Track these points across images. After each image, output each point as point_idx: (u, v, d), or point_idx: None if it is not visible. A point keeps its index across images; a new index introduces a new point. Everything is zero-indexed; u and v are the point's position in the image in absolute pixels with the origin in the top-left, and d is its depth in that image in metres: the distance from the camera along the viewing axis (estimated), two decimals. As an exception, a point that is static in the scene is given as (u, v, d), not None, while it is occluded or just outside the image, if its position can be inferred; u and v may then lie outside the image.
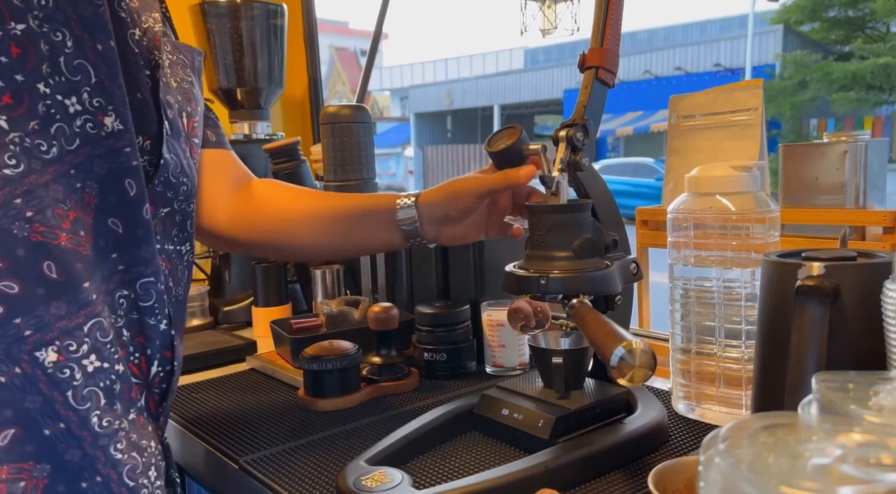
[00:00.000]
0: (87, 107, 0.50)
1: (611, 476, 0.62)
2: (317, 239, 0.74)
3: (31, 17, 0.46)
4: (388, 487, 0.57)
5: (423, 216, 0.71)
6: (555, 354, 0.70)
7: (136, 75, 0.56)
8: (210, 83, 1.33)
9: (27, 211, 0.46)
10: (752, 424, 0.35)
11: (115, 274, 0.52)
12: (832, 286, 0.54)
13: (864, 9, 12.31)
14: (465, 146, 19.19)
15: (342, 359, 0.80)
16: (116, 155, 0.51)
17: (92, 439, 0.48)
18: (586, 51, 0.71)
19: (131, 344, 0.54)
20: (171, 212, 0.59)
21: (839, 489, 0.27)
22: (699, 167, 0.75)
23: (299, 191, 0.78)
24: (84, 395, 0.48)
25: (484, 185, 0.70)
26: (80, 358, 0.48)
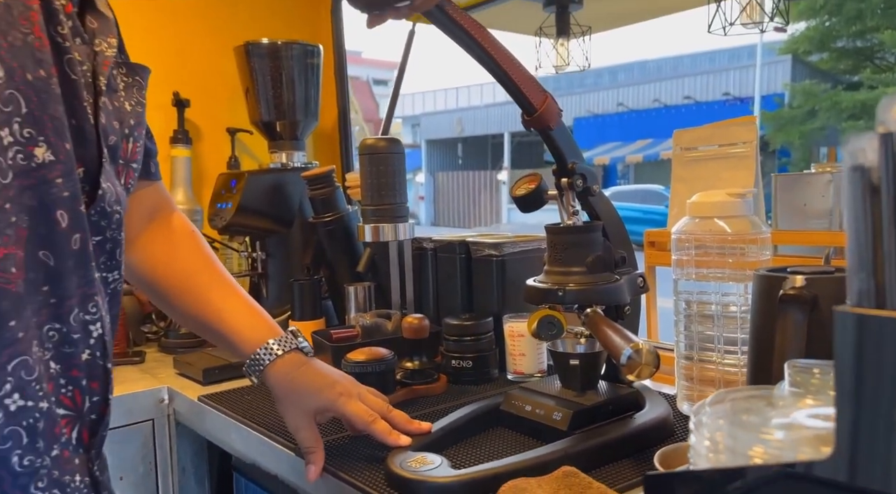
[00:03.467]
0: (18, 138, 0.48)
1: (621, 462, 0.71)
2: (172, 312, 0.78)
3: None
4: (430, 468, 0.66)
5: (264, 379, 0.73)
6: (572, 357, 0.79)
7: (72, 102, 0.54)
8: (252, 116, 1.45)
9: None
10: (733, 394, 0.44)
11: (45, 308, 0.51)
12: (811, 295, 0.63)
13: (872, 39, 12.45)
14: (475, 172, 19.41)
15: (381, 363, 0.90)
16: (48, 186, 0.50)
17: (12, 479, 0.47)
18: (526, 117, 0.79)
19: (63, 377, 0.53)
20: (102, 241, 0.57)
21: (777, 430, 0.37)
22: (699, 193, 0.85)
23: (194, 262, 0.78)
24: (5, 435, 0.47)
25: (296, 429, 0.72)
26: (2, 398, 0.47)
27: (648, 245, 1.04)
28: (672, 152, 1.06)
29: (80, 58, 0.55)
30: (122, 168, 0.60)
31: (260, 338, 0.74)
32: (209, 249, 0.80)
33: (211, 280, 0.76)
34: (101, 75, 0.58)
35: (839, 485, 0.32)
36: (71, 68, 0.54)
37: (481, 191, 18.57)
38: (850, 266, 0.33)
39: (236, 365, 1.08)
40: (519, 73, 0.76)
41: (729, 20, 1.39)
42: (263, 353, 0.73)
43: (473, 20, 0.73)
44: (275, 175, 1.40)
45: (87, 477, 0.54)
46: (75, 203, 0.52)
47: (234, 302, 0.76)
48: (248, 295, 0.78)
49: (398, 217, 1.12)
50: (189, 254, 0.77)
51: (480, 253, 1.08)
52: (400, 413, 0.75)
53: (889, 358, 0.31)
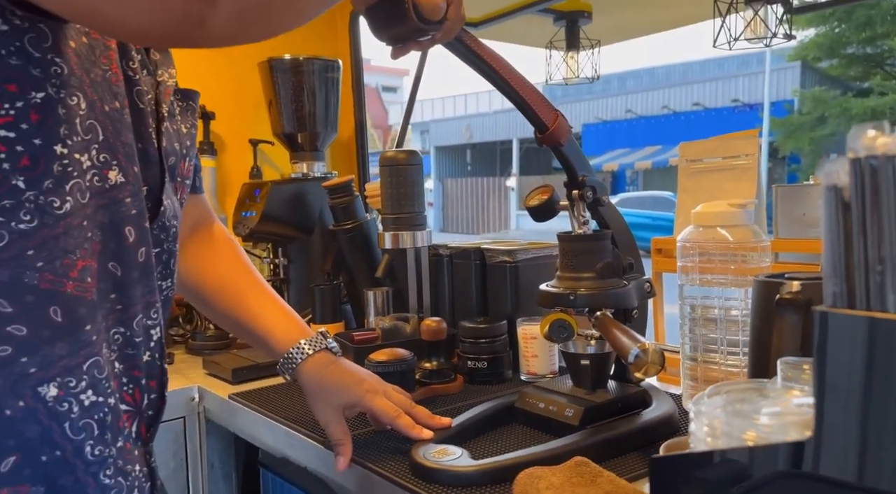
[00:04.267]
0: (95, 162, 0.54)
1: (629, 455, 0.76)
2: (211, 314, 0.84)
3: (49, 85, 0.49)
4: (452, 458, 0.72)
5: (297, 376, 0.79)
6: (583, 357, 0.84)
7: (139, 129, 0.59)
8: (274, 128, 1.52)
9: (38, 261, 0.49)
10: (730, 387, 0.50)
11: (112, 314, 0.56)
12: (806, 299, 0.68)
13: (882, 46, 12.44)
14: (484, 179, 19.49)
15: (402, 363, 0.95)
16: (118, 205, 0.56)
17: (84, 466, 0.52)
18: (539, 135, 0.84)
19: (125, 376, 0.58)
20: (160, 252, 0.63)
21: (768, 417, 0.42)
22: (703, 204, 0.90)
23: (233, 268, 0.84)
24: (80, 427, 0.51)
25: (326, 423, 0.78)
26: (78, 393, 0.51)
27: (655, 252, 1.09)
28: (678, 164, 1.11)
29: (146, 88, 0.62)
30: (179, 185, 0.67)
31: (292, 339, 0.79)
32: (246, 257, 0.86)
33: (247, 285, 0.83)
34: (164, 103, 0.64)
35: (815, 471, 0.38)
36: (139, 98, 0.60)
37: (490, 198, 18.63)
38: (825, 272, 0.38)
39: (263, 366, 1.14)
40: (532, 95, 0.81)
41: (734, 35, 1.45)
42: (295, 352, 0.79)
43: (489, 48, 0.79)
44: (296, 184, 1.46)
45: (145, 467, 0.60)
46: (141, 219, 0.58)
47: (269, 305, 0.82)
48: (281, 298, 0.84)
49: (416, 225, 1.18)
50: (228, 262, 0.84)
51: (495, 259, 1.13)
52: (422, 409, 0.81)
53: (858, 352, 0.36)
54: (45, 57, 0.49)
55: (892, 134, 0.37)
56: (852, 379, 0.36)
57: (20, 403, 0.48)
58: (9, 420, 0.48)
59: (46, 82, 0.49)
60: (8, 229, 0.48)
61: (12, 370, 0.48)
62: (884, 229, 0.36)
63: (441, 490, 0.69)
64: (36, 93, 0.48)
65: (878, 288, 0.36)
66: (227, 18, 0.45)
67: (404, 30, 0.70)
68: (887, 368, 0.35)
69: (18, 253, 0.48)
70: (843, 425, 0.37)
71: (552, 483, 0.63)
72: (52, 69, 0.49)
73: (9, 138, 0.47)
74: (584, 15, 1.77)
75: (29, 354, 0.49)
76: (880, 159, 0.36)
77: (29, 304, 0.49)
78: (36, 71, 0.48)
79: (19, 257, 0.48)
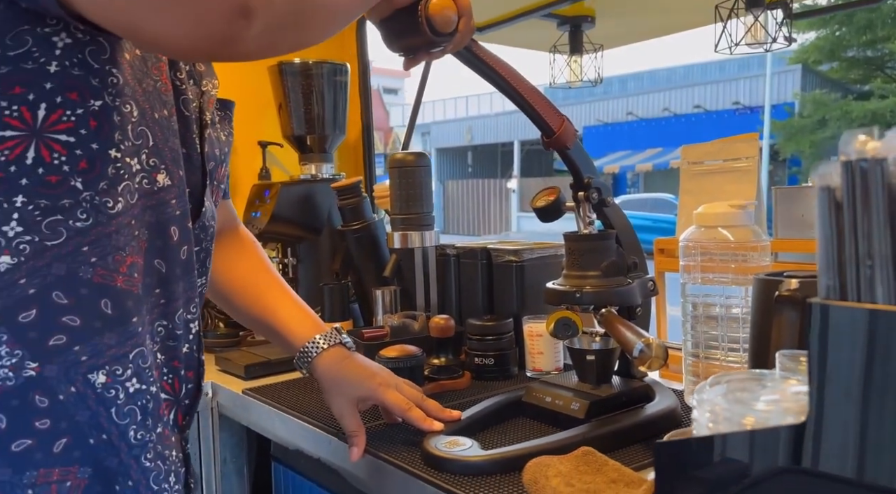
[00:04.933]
0: (145, 166, 0.57)
1: (633, 447, 0.79)
2: (233, 311, 0.88)
3: (106, 94, 0.53)
4: (463, 448, 0.74)
5: (312, 370, 0.82)
6: (588, 353, 0.87)
7: (184, 135, 0.64)
8: (284, 130, 1.55)
9: (91, 257, 0.53)
10: (730, 377, 0.52)
11: (156, 308, 0.60)
12: (804, 296, 0.71)
13: (882, 49, 12.47)
14: (485, 180, 19.53)
15: (411, 359, 0.98)
16: (164, 206, 0.60)
17: (128, 449, 0.55)
18: (546, 139, 0.87)
19: (165, 367, 0.61)
20: (199, 251, 0.66)
21: (766, 403, 0.45)
22: (705, 205, 0.93)
23: (254, 268, 0.87)
24: (125, 412, 0.55)
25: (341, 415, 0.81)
26: (124, 381, 0.55)
27: (658, 252, 1.11)
28: (680, 166, 1.14)
29: (191, 97, 0.66)
30: (216, 188, 0.71)
31: (308, 334, 0.83)
32: (266, 257, 0.90)
33: (267, 284, 0.86)
34: (207, 111, 0.69)
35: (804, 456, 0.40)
36: (185, 106, 0.64)
37: (491, 199, 18.66)
38: (819, 267, 0.41)
39: (275, 362, 1.17)
40: (539, 101, 0.84)
41: (735, 40, 1.47)
42: (311, 347, 0.82)
43: (496, 56, 0.82)
44: (305, 186, 1.49)
45: (181, 453, 0.63)
46: (185, 220, 0.62)
47: (286, 302, 0.85)
48: (298, 296, 0.87)
49: (424, 225, 1.21)
50: (250, 262, 0.88)
51: (501, 258, 1.16)
52: (433, 402, 0.84)
53: (848, 341, 0.39)
54: (104, 68, 0.53)
55: (881, 139, 0.39)
56: (849, 367, 0.39)
57: (72, 389, 0.52)
58: (62, 405, 0.51)
59: (104, 91, 0.52)
60: (66, 226, 0.51)
61: (66, 358, 0.52)
62: (873, 227, 0.39)
63: (452, 478, 0.71)
64: (94, 102, 0.52)
65: (867, 282, 0.39)
66: (259, 36, 0.48)
67: (417, 41, 0.73)
68: (884, 356, 0.38)
69: (75, 249, 0.52)
70: (839, 410, 0.40)
71: (560, 471, 0.65)
72: (108, 79, 0.53)
73: (69, 142, 0.51)
74: (587, 20, 1.80)
75: (81, 343, 0.52)
76: (870, 162, 0.39)
77: (83, 297, 0.52)
78: (95, 81, 0.52)
79: (75, 253, 0.52)
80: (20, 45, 0.49)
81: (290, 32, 0.52)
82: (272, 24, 0.49)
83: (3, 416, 0.50)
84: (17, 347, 0.50)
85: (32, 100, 0.49)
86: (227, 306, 0.88)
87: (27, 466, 0.50)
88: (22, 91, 0.49)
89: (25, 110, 0.49)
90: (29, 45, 0.49)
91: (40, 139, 0.50)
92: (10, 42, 0.48)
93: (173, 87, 0.63)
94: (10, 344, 0.50)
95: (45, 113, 0.50)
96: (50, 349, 0.51)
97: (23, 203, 0.50)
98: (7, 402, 0.50)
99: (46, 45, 0.50)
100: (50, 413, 0.51)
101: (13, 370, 0.50)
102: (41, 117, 0.50)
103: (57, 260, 0.51)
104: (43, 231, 0.51)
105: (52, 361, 0.51)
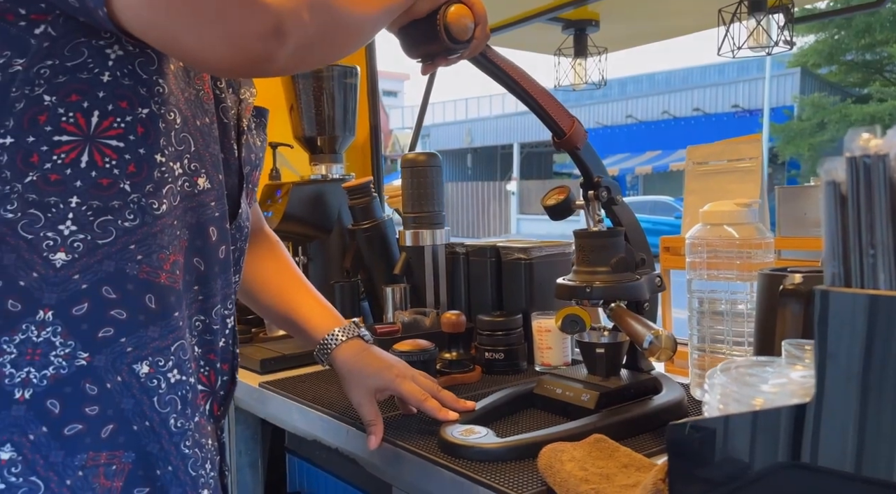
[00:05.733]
0: (186, 170, 0.61)
1: (641, 436, 0.82)
2: (257, 306, 0.91)
3: (153, 102, 0.56)
4: (479, 436, 0.77)
5: (331, 362, 0.86)
6: (598, 346, 0.90)
7: (223, 141, 0.67)
8: (295, 131, 1.57)
9: (138, 254, 0.56)
10: (739, 362, 0.55)
11: (195, 303, 0.63)
12: (807, 290, 0.74)
13: (881, 52, 12.53)
14: (484, 183, 19.58)
15: (425, 353, 1.01)
16: (204, 208, 0.63)
17: (168, 436, 0.57)
18: (557, 140, 0.89)
19: (202, 359, 0.64)
20: (234, 250, 0.69)
21: (774, 385, 0.48)
22: (711, 203, 0.96)
23: (278, 266, 0.91)
24: (166, 401, 0.57)
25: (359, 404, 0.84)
26: (165, 372, 0.58)
27: (664, 250, 1.14)
28: (685, 166, 1.17)
29: (230, 105, 0.69)
30: (250, 191, 0.74)
31: (327, 327, 0.86)
32: (289, 256, 0.94)
33: (290, 281, 0.90)
34: (244, 118, 0.72)
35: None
36: (224, 114, 0.68)
37: (491, 202, 18.69)
38: (825, 256, 0.44)
39: (290, 357, 1.20)
40: (550, 103, 0.87)
41: (737, 44, 1.51)
42: (330, 339, 0.85)
43: (509, 61, 0.85)
44: (316, 186, 1.52)
45: (216, 442, 0.66)
46: (223, 221, 0.65)
47: (307, 297, 0.89)
48: (319, 293, 0.90)
49: (435, 224, 1.24)
50: (275, 261, 0.91)
51: (510, 256, 1.19)
52: (448, 393, 0.86)
53: (850, 324, 0.42)
54: (151, 78, 0.56)
55: (883, 137, 0.42)
56: (850, 350, 0.42)
57: (118, 378, 0.55)
58: (109, 393, 0.55)
59: (151, 100, 0.56)
60: (115, 226, 0.55)
61: (113, 349, 0.55)
62: (875, 218, 0.41)
63: (469, 464, 0.74)
64: (142, 109, 0.55)
65: (871, 270, 0.42)
66: (292, 55, 0.52)
67: (435, 48, 0.75)
68: (884, 339, 0.41)
69: (123, 248, 0.55)
70: (842, 390, 0.43)
71: (574, 456, 0.68)
72: (155, 89, 0.56)
73: (119, 147, 0.55)
74: (591, 23, 1.83)
75: (127, 335, 0.55)
76: (873, 158, 0.41)
77: (129, 292, 0.56)
78: (143, 90, 0.55)
79: (123, 251, 0.55)
80: (77, 56, 0.52)
81: (321, 49, 0.56)
82: (304, 43, 0.52)
83: (57, 402, 0.53)
84: (69, 338, 0.53)
85: (87, 107, 0.53)
86: (252, 302, 0.91)
87: (78, 449, 0.53)
88: (78, 99, 0.53)
89: (80, 117, 0.53)
90: (85, 57, 0.53)
91: (93, 144, 0.53)
92: (67, 53, 0.52)
93: (214, 96, 0.66)
94: (64, 335, 0.53)
95: (97, 119, 0.53)
96: (99, 340, 0.54)
97: (77, 204, 0.53)
98: (61, 389, 0.53)
99: (100, 57, 0.53)
100: (98, 400, 0.54)
101: (66, 359, 0.53)
102: (94, 124, 0.53)
103: (107, 258, 0.54)
104: (95, 230, 0.54)
105: (100, 352, 0.54)
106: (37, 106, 0.52)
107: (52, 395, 0.53)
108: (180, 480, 0.58)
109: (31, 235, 0.53)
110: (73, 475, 0.52)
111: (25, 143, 0.52)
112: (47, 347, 0.53)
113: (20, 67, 0.51)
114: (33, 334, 0.52)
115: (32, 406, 0.52)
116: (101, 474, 0.54)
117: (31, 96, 0.52)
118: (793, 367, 0.53)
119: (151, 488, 0.56)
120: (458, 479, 0.73)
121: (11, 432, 0.51)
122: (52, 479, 0.52)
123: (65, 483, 0.52)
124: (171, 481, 0.57)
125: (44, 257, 0.53)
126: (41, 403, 0.52)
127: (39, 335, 0.52)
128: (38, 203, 0.53)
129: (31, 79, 0.51)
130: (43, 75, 0.52)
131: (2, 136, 0.52)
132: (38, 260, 0.53)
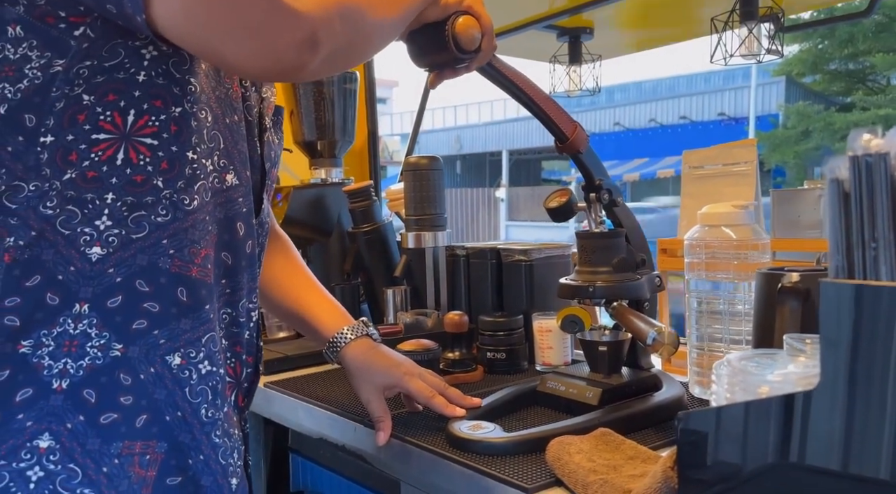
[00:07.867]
0: (216, 166, 0.62)
1: (643, 431, 0.84)
2: (267, 305, 0.92)
3: (185, 101, 0.57)
4: (486, 431, 0.79)
5: (340, 359, 0.87)
6: (600, 345, 0.92)
7: (248, 139, 0.69)
8: (295, 136, 1.59)
9: (170, 249, 0.57)
10: (745, 354, 0.58)
11: (222, 297, 0.64)
12: (805, 288, 0.77)
13: (864, 62, 12.72)
14: (474, 189, 19.62)
15: (428, 353, 1.02)
16: (232, 203, 0.64)
17: (200, 426, 0.59)
18: (559, 144, 0.92)
19: (228, 351, 0.66)
20: (257, 245, 0.71)
21: (778, 375, 0.50)
22: (709, 205, 0.99)
23: (288, 264, 0.92)
24: (197, 391, 0.59)
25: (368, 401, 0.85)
26: (196, 363, 0.59)
27: (661, 252, 1.17)
28: (681, 171, 1.20)
29: (253, 103, 0.71)
30: (269, 188, 0.76)
31: (337, 326, 0.87)
32: (299, 255, 0.95)
33: (301, 280, 0.92)
34: (266, 116, 0.74)
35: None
36: (248, 112, 0.69)
37: (480, 208, 18.72)
38: (830, 249, 0.46)
39: (293, 357, 1.21)
40: (553, 109, 0.90)
41: (729, 52, 1.54)
42: (339, 337, 0.87)
43: (513, 69, 0.87)
44: (316, 189, 1.53)
45: (241, 432, 0.68)
46: (249, 216, 0.67)
47: (317, 297, 0.91)
48: (328, 292, 0.92)
49: (437, 226, 1.26)
50: (286, 260, 0.93)
51: (511, 258, 1.21)
52: (455, 390, 0.88)
53: (851, 312, 0.44)
54: (184, 78, 0.58)
55: (883, 137, 0.45)
56: (855, 335, 0.44)
57: (151, 369, 0.56)
58: (142, 384, 0.56)
59: (183, 99, 0.58)
60: (148, 221, 0.57)
61: (146, 340, 0.56)
62: (877, 214, 0.44)
63: (477, 458, 0.76)
64: (175, 108, 0.57)
65: (872, 262, 0.44)
66: (322, 62, 0.55)
67: (442, 58, 0.78)
68: (888, 325, 0.43)
69: (156, 242, 0.57)
70: (845, 376, 0.45)
71: (581, 449, 0.70)
72: (188, 88, 0.58)
73: (153, 145, 0.56)
74: (586, 31, 1.86)
75: (160, 327, 0.57)
76: (874, 157, 0.44)
77: (162, 285, 0.57)
78: (176, 89, 0.57)
79: (156, 245, 0.57)
80: (114, 56, 0.54)
81: (349, 54, 0.58)
82: (334, 50, 0.55)
83: (93, 391, 0.54)
84: (104, 330, 0.55)
85: (123, 106, 0.55)
86: (263, 299, 0.92)
87: (114, 437, 0.54)
88: (115, 98, 0.54)
89: (117, 115, 0.54)
90: (122, 57, 0.54)
91: (129, 142, 0.55)
92: (105, 54, 0.54)
93: (240, 95, 0.67)
94: (100, 327, 0.55)
95: (133, 118, 0.55)
96: (133, 332, 0.56)
97: (112, 199, 0.55)
98: (97, 379, 0.54)
99: (136, 57, 0.55)
100: (133, 390, 0.55)
101: (101, 350, 0.55)
102: (130, 122, 0.55)
103: (140, 252, 0.56)
104: (129, 225, 0.56)
105: (134, 343, 0.56)
106: (77, 105, 0.53)
107: (88, 385, 0.54)
108: (211, 469, 0.59)
109: (69, 231, 0.54)
110: (109, 462, 0.54)
111: (65, 142, 0.53)
112: (83, 339, 0.54)
113: (60, 68, 0.53)
114: (70, 326, 0.54)
115: (70, 395, 0.53)
116: (136, 463, 0.55)
117: (70, 96, 0.53)
118: (795, 359, 0.55)
119: (184, 477, 0.57)
120: (468, 473, 0.75)
121: (50, 421, 0.53)
122: (90, 466, 0.53)
123: (101, 470, 0.53)
124: (203, 470, 0.59)
125: (81, 252, 0.54)
126: (78, 393, 0.54)
127: (76, 327, 0.54)
128: (75, 199, 0.54)
129: (71, 79, 0.53)
130: (82, 75, 0.53)
131: (42, 135, 0.53)
132: (75, 255, 0.54)
